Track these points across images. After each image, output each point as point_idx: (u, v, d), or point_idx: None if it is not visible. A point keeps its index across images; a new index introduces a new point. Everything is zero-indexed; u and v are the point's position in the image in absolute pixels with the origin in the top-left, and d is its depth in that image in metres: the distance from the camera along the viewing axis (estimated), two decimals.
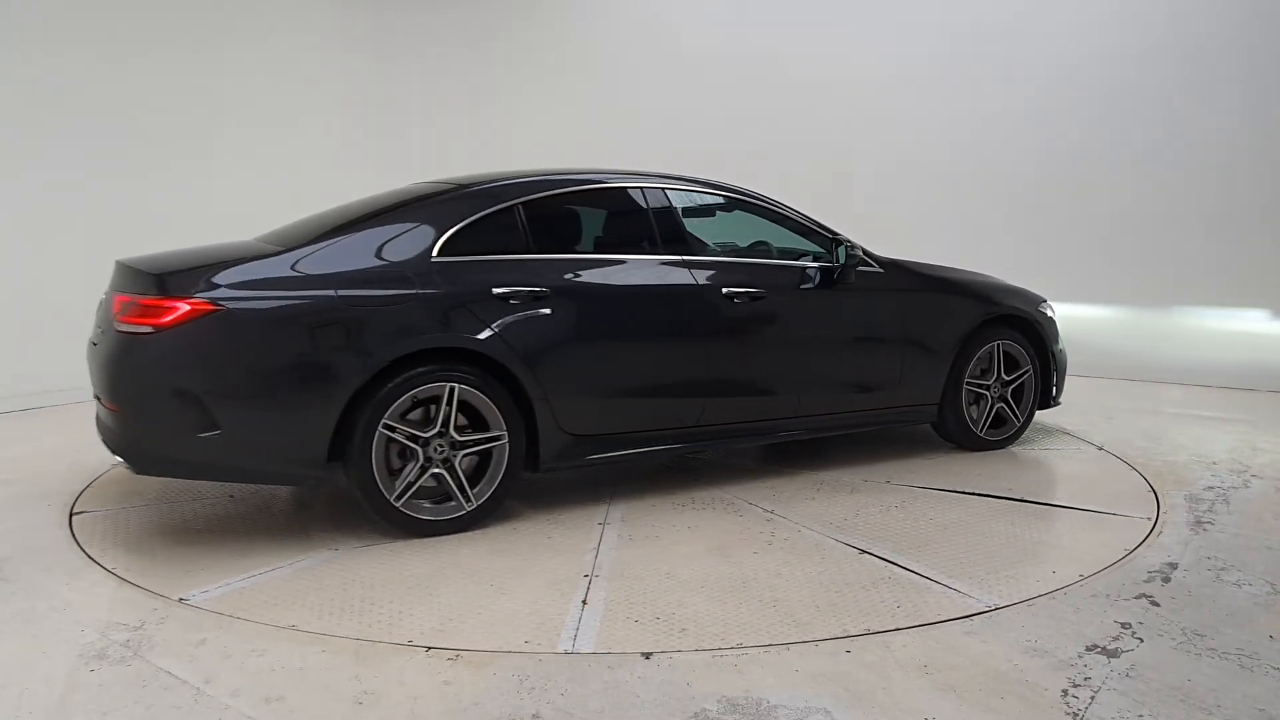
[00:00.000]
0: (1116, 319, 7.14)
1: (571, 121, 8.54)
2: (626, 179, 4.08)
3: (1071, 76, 7.16)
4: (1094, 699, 2.28)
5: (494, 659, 2.50)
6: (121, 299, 3.27)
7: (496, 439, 3.50)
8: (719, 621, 2.73)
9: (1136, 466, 4.45)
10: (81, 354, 3.69)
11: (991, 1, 7.47)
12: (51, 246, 6.08)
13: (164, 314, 3.11)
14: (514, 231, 3.67)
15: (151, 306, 3.13)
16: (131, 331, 3.15)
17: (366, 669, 2.44)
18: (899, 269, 4.45)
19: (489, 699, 2.29)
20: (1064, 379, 4.95)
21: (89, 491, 4.09)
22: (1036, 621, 2.73)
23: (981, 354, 4.59)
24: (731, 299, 3.95)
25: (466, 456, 3.48)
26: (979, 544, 3.37)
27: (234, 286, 3.21)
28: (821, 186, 7.72)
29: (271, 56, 7.57)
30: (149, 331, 3.12)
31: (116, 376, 3.22)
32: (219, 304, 3.14)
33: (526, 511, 3.78)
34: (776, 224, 4.34)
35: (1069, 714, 2.22)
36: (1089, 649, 2.55)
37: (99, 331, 3.48)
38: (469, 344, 3.42)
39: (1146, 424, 5.36)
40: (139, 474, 3.37)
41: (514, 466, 3.55)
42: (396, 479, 3.39)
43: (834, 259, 4.23)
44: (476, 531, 3.50)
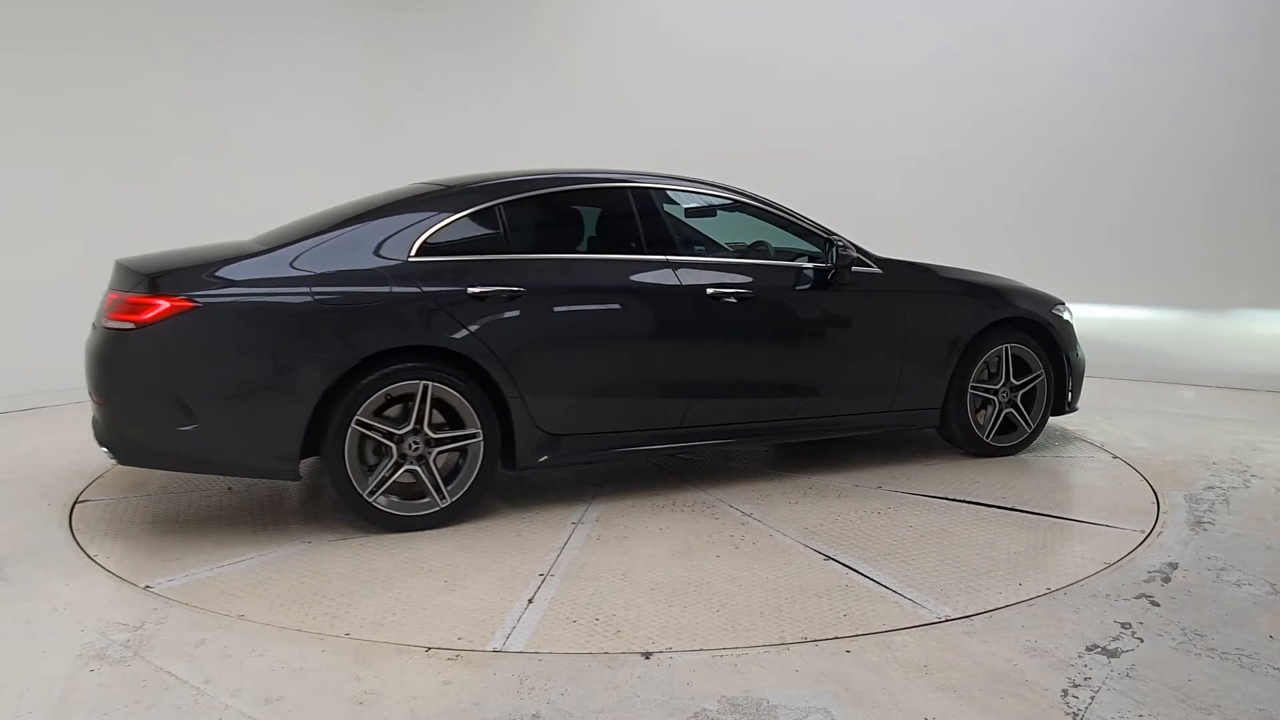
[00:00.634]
0: (1117, 319, 7.13)
1: (572, 121, 8.54)
2: (613, 179, 4.06)
3: (1073, 76, 7.16)
4: (1094, 699, 2.28)
5: (494, 659, 2.50)
6: (113, 297, 3.38)
7: (471, 437, 3.53)
8: (657, 624, 2.72)
9: (1136, 466, 4.45)
10: (81, 353, 3.67)
11: (991, 1, 7.47)
12: (51, 246, 6.08)
13: (144, 311, 3.22)
14: (494, 232, 3.72)
15: (134, 304, 3.25)
16: (116, 328, 3.27)
17: (366, 669, 2.44)
18: (899, 270, 4.36)
19: (489, 699, 2.29)
20: (1081, 384, 4.78)
21: (89, 491, 4.09)
22: (1036, 621, 2.73)
23: (988, 358, 4.47)
24: (716, 299, 3.90)
25: (442, 454, 3.53)
26: (952, 553, 3.29)
27: (212, 285, 3.31)
28: (822, 186, 7.72)
29: (273, 57, 7.57)
30: (131, 328, 3.23)
31: (101, 371, 3.32)
32: (196, 301, 3.23)
33: (504, 509, 3.80)
34: (770, 224, 4.30)
35: (1069, 714, 2.22)
36: (1089, 649, 2.55)
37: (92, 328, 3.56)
38: (442, 343, 3.46)
39: (1146, 424, 5.36)
40: (123, 465, 3.50)
41: (489, 464, 3.58)
42: (372, 475, 3.45)
43: (828, 259, 4.17)
44: (450, 528, 3.54)
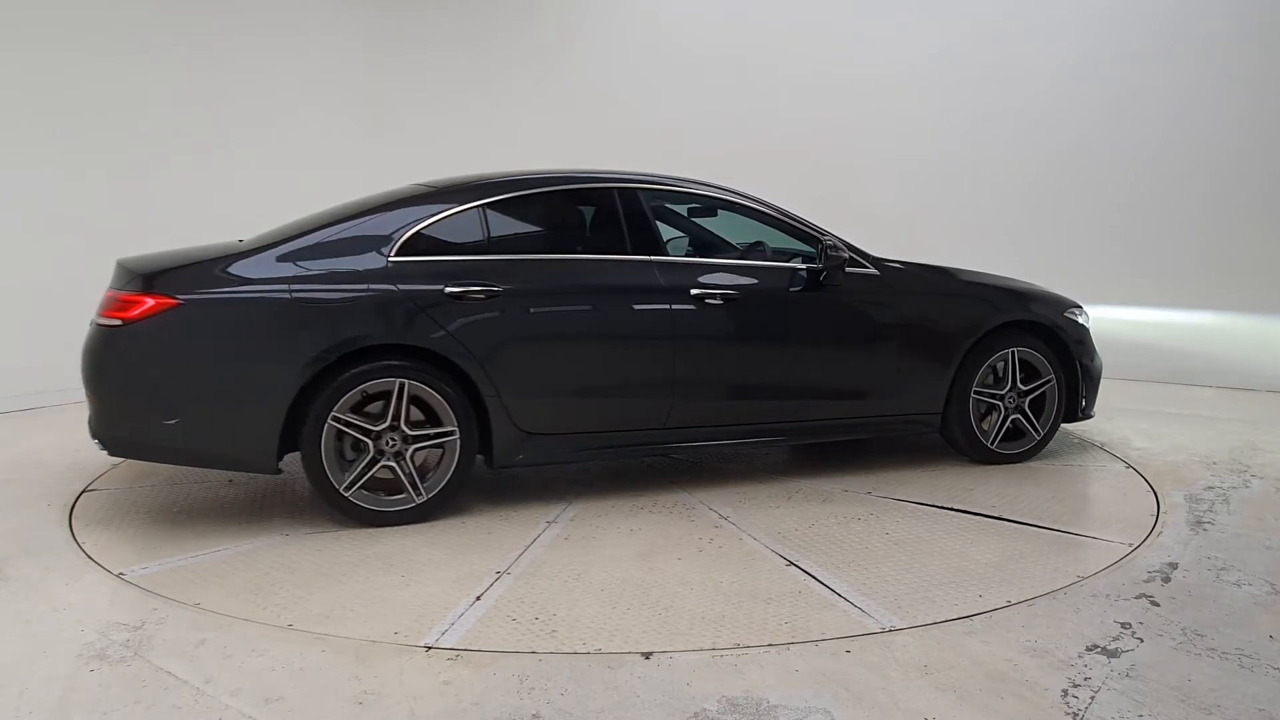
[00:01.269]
0: (1117, 319, 7.13)
1: (572, 122, 8.54)
2: (599, 180, 4.05)
3: (1073, 76, 7.16)
4: (1094, 699, 2.28)
5: (495, 659, 2.50)
6: (109, 295, 3.50)
7: (448, 435, 3.58)
8: (594, 626, 2.71)
9: (1136, 467, 4.45)
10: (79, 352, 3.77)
11: (991, 1, 7.47)
12: (51, 246, 6.08)
13: (131, 308, 3.35)
14: (476, 232, 3.76)
15: (124, 301, 3.38)
16: (106, 324, 3.40)
17: (366, 669, 2.44)
18: (896, 271, 4.28)
19: (489, 699, 2.29)
20: (1096, 390, 4.63)
21: (89, 491, 4.09)
22: (1036, 621, 2.73)
23: (993, 362, 4.35)
24: (701, 300, 3.88)
25: (419, 451, 3.59)
26: (919, 562, 3.21)
27: (196, 283, 3.42)
28: (822, 187, 7.72)
29: (273, 57, 7.57)
30: (118, 324, 3.36)
31: (91, 365, 3.44)
32: (179, 299, 3.34)
33: (482, 506, 3.83)
34: (762, 224, 4.25)
35: (1069, 714, 2.22)
36: (1089, 649, 2.55)
37: None
38: (418, 341, 3.52)
39: (1146, 424, 5.36)
40: (112, 456, 3.59)
41: (465, 462, 3.63)
42: (350, 470, 3.52)
43: (819, 260, 4.11)
44: (426, 523, 3.59)
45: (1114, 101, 7.02)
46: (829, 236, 4.15)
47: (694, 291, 3.88)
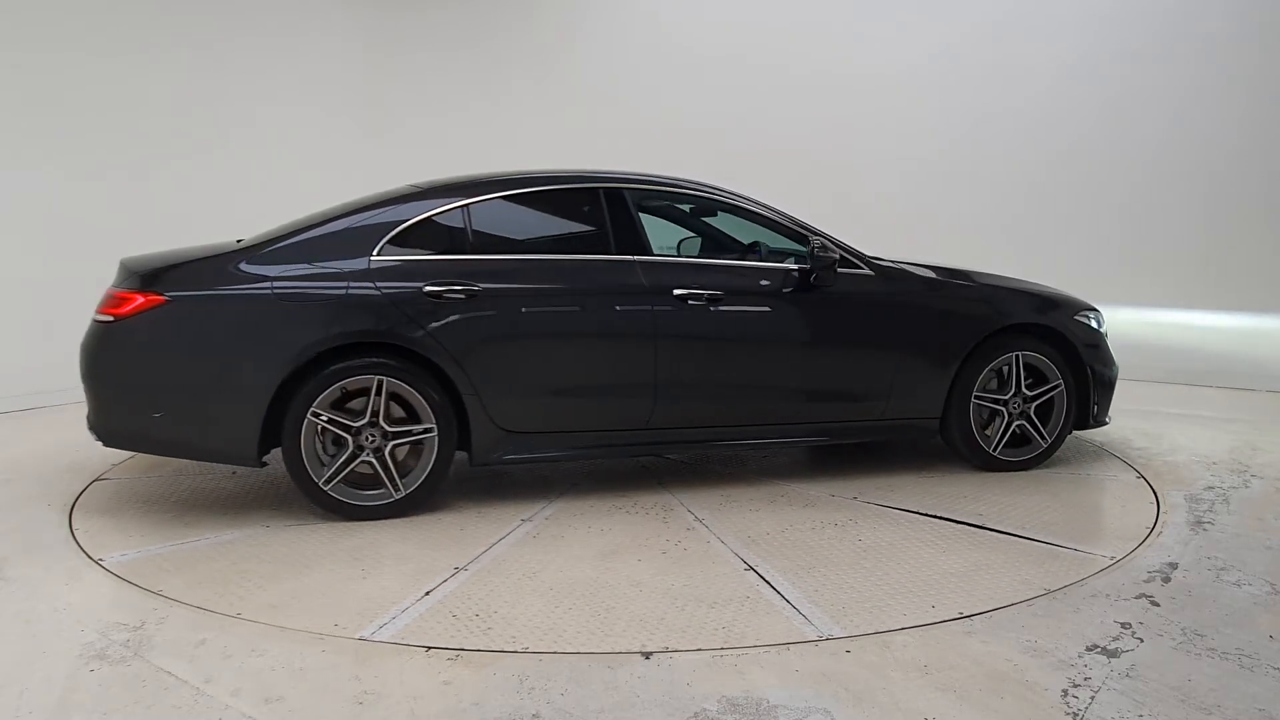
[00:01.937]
0: (1116, 319, 7.13)
1: (572, 122, 8.54)
2: (584, 179, 4.04)
3: (1073, 76, 7.16)
4: (1094, 699, 2.28)
5: (495, 659, 2.50)
6: (107, 292, 3.62)
7: (426, 432, 3.63)
8: (529, 625, 2.71)
9: (1136, 467, 4.45)
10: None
11: (991, 1, 7.47)
12: (51, 246, 6.08)
13: (124, 305, 3.48)
14: (459, 232, 3.80)
15: (118, 298, 3.51)
16: (100, 320, 3.53)
17: (366, 669, 2.44)
18: (892, 272, 4.19)
19: (489, 699, 2.29)
20: (1109, 396, 4.46)
21: (89, 491, 4.09)
22: (1036, 621, 2.73)
23: (996, 366, 4.23)
24: (685, 300, 3.85)
25: (399, 447, 3.66)
26: (882, 570, 3.13)
27: (185, 281, 3.53)
28: (822, 186, 7.73)
29: (273, 57, 7.57)
30: (111, 320, 3.50)
31: (86, 360, 3.57)
32: (167, 296, 3.46)
33: (462, 503, 3.87)
34: (752, 223, 4.19)
35: (1069, 714, 2.22)
36: (1089, 649, 2.55)
37: None
38: (396, 339, 3.57)
39: (1146, 424, 5.36)
40: (106, 447, 3.68)
41: (444, 459, 3.67)
42: (330, 465, 3.60)
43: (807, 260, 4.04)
44: (405, 518, 3.65)
45: (1114, 101, 7.02)
46: (818, 236, 4.08)
47: (677, 292, 3.84)
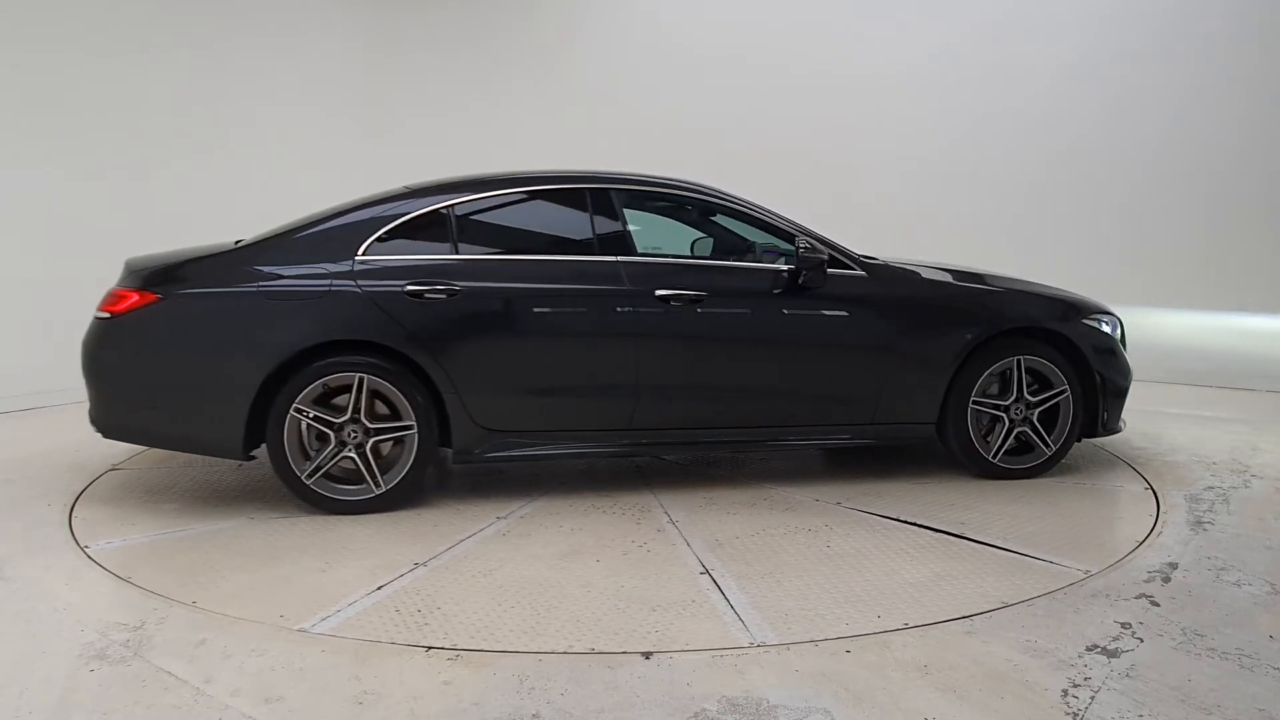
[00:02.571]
0: None
1: (572, 122, 8.54)
2: (570, 180, 4.04)
3: (1073, 76, 7.16)
4: (1094, 699, 2.28)
5: (495, 659, 2.50)
6: (110, 290, 3.74)
7: (406, 429, 3.70)
8: (467, 622, 2.73)
9: (1136, 467, 4.45)
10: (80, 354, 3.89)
11: (991, 1, 7.48)
12: (51, 246, 6.08)
13: (120, 302, 3.63)
14: (442, 233, 3.84)
15: (116, 295, 3.66)
16: (100, 317, 3.68)
17: (366, 669, 2.44)
18: (885, 273, 4.10)
19: (489, 699, 2.29)
20: (1120, 404, 4.29)
21: (89, 491, 4.09)
22: (1036, 621, 2.73)
23: (997, 371, 4.10)
24: (666, 301, 3.82)
25: (381, 443, 3.73)
26: (841, 578, 3.06)
27: (178, 279, 3.67)
28: (821, 186, 7.73)
29: (273, 57, 7.57)
30: (108, 317, 3.64)
31: (86, 354, 3.72)
32: (161, 294, 3.60)
33: (444, 500, 3.94)
34: (740, 223, 4.17)
35: (1069, 714, 2.22)
36: (1089, 649, 2.55)
37: None
38: (374, 337, 3.64)
39: (1146, 424, 5.36)
40: (105, 439, 3.80)
41: (424, 455, 3.72)
42: (313, 460, 3.70)
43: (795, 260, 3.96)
44: (387, 513, 3.73)
45: (1114, 101, 7.03)
46: (807, 236, 4.00)
47: (659, 292, 3.82)
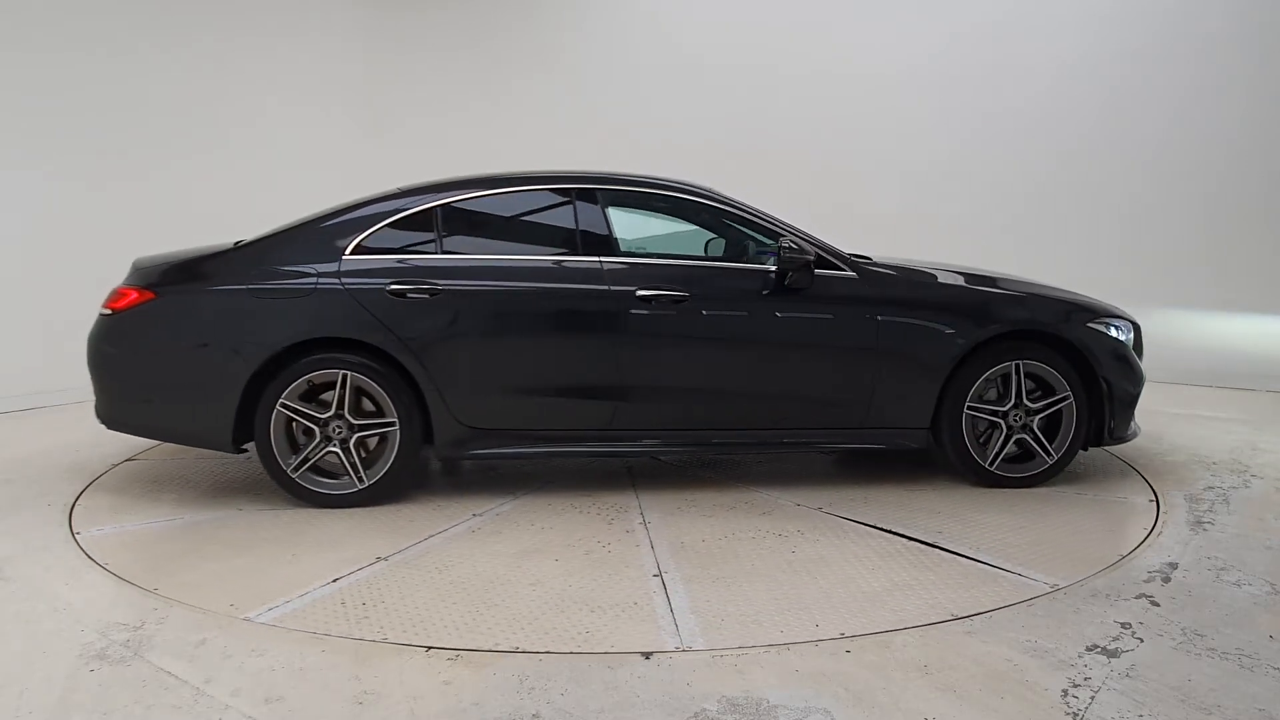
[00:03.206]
0: None
1: (571, 121, 8.54)
2: (556, 180, 4.05)
3: (1073, 76, 7.16)
4: (1094, 699, 2.28)
5: (495, 659, 2.50)
6: (116, 288, 3.87)
7: (389, 425, 3.78)
8: (404, 617, 2.76)
9: (1136, 466, 4.45)
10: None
11: (991, 1, 7.48)
12: (51, 246, 6.08)
13: (121, 299, 3.79)
14: (428, 233, 3.90)
15: (118, 293, 3.82)
16: (103, 313, 3.84)
17: (366, 669, 2.44)
18: (876, 274, 4.00)
19: (489, 699, 2.29)
20: (1129, 412, 4.12)
21: (89, 491, 4.10)
22: (1036, 621, 2.73)
23: (994, 375, 3.99)
24: (647, 301, 3.81)
25: (366, 439, 3.83)
26: (794, 585, 3.01)
27: (174, 278, 3.81)
28: (820, 186, 7.73)
29: (273, 57, 7.57)
30: (110, 314, 3.80)
31: (90, 349, 3.87)
32: (157, 292, 3.75)
33: (427, 496, 4.01)
34: (727, 222, 4.13)
35: (1069, 714, 2.22)
36: (1089, 649, 2.55)
37: None
38: (357, 335, 3.72)
39: (1146, 424, 5.34)
40: (109, 430, 3.96)
41: (406, 452, 3.80)
42: (298, 454, 3.80)
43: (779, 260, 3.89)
44: (371, 507, 3.82)
45: (1114, 101, 7.03)
46: (794, 236, 3.95)
47: (641, 293, 3.82)
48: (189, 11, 6.92)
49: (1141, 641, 2.60)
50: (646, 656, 2.52)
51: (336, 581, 3.05)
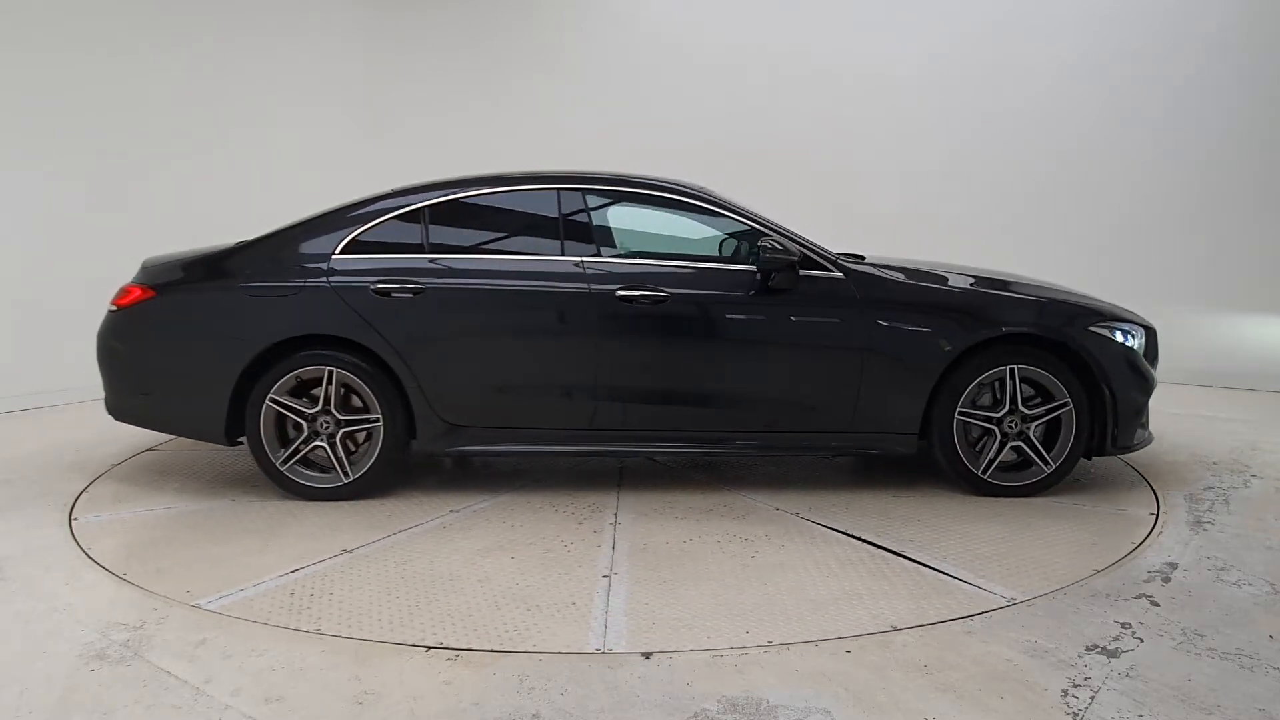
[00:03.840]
0: None
1: (571, 121, 8.54)
2: (544, 181, 4.05)
3: (1073, 76, 7.16)
4: (1094, 699, 2.28)
5: (495, 659, 2.50)
6: (124, 285, 4.02)
7: (373, 421, 3.86)
8: (346, 610, 2.81)
9: (1136, 466, 4.45)
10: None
11: (991, 1, 7.47)
12: (51, 247, 6.08)
13: (126, 296, 3.96)
14: (415, 233, 3.95)
15: (124, 290, 3.98)
16: (109, 310, 4.00)
17: (366, 669, 2.44)
18: (864, 275, 3.89)
19: (489, 699, 2.29)
20: (1133, 420, 3.92)
21: (89, 491, 4.10)
22: (1036, 621, 2.73)
23: (988, 379, 3.87)
24: (627, 301, 3.80)
25: (352, 434, 3.92)
26: (741, 591, 2.96)
27: (173, 276, 3.96)
28: (820, 186, 7.73)
29: (273, 57, 7.57)
30: (115, 310, 3.98)
31: (98, 343, 4.04)
32: (157, 290, 3.91)
33: (410, 491, 4.09)
34: (720, 224, 4.08)
35: (1069, 714, 2.22)
36: (1089, 649, 2.55)
37: None
38: (342, 333, 3.80)
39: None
40: (117, 421, 4.13)
41: (390, 447, 3.88)
42: (286, 447, 3.91)
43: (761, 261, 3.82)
44: (355, 501, 3.91)
45: (1114, 101, 7.03)
46: (776, 237, 3.88)
47: (621, 293, 3.81)
48: (189, 11, 6.91)
49: (1141, 641, 2.60)
50: (647, 657, 2.52)
51: (296, 572, 3.12)
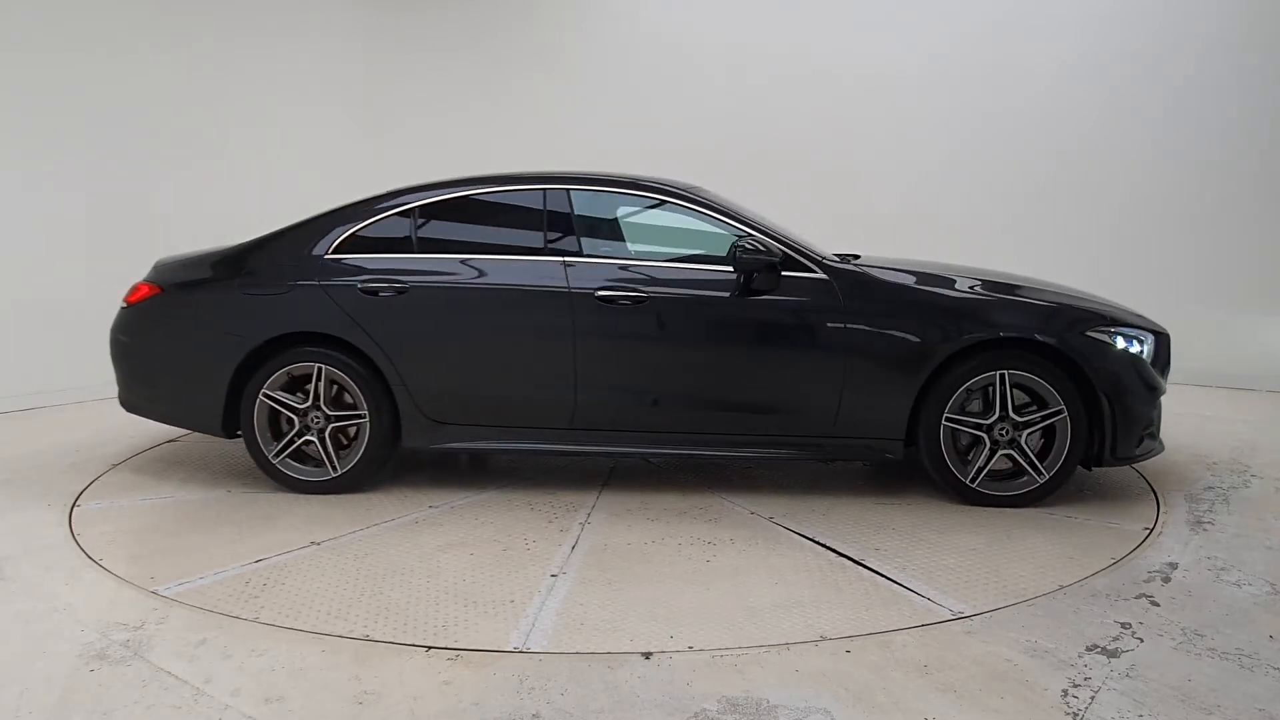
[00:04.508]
0: None
1: (571, 121, 8.54)
2: (531, 181, 4.07)
3: (1073, 76, 7.16)
4: (1094, 699, 2.28)
5: (495, 659, 2.50)
6: (136, 283, 4.22)
7: (360, 417, 3.96)
8: (286, 601, 2.89)
9: (1139, 469, 4.45)
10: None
11: (991, 1, 7.47)
12: (51, 247, 6.08)
13: (135, 294, 4.16)
14: (404, 233, 4.04)
15: (135, 287, 4.18)
16: (121, 306, 4.20)
17: (366, 669, 2.44)
18: (848, 275, 3.80)
19: (489, 699, 2.29)
20: (1134, 429, 3.74)
21: (89, 491, 4.10)
22: (1036, 621, 2.73)
23: (977, 385, 3.75)
24: (607, 302, 3.80)
25: (342, 429, 4.02)
26: (683, 595, 2.94)
27: (177, 275, 4.15)
28: (820, 186, 7.73)
29: (273, 57, 7.57)
30: (125, 306, 4.18)
31: (111, 338, 4.23)
32: (162, 287, 4.11)
33: (395, 486, 4.17)
34: (706, 223, 3.98)
35: (1069, 714, 2.22)
36: (1089, 649, 2.55)
37: None
38: (330, 330, 3.90)
39: None
40: (127, 413, 4.34)
41: (376, 442, 3.97)
42: (279, 441, 4.02)
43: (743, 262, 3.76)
44: (342, 494, 4.00)
45: (1114, 101, 7.02)
46: (755, 236, 3.82)
47: (600, 293, 3.81)
48: (189, 11, 6.91)
49: (1141, 641, 2.60)
50: (647, 657, 2.52)
51: (259, 562, 3.21)
